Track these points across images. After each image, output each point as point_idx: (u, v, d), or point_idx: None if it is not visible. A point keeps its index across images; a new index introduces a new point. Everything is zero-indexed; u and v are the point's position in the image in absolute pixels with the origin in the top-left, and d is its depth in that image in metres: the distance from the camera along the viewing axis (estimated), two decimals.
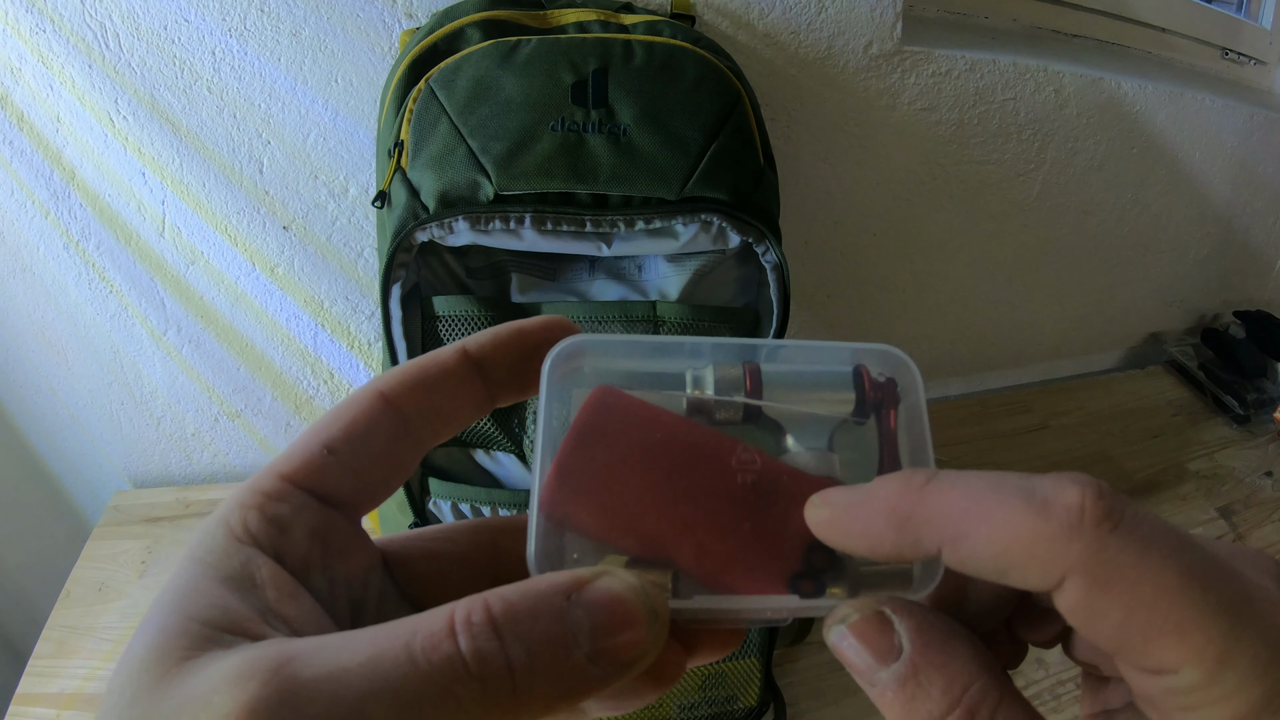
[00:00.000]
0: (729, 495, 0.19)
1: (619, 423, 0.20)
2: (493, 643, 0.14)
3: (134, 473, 0.87)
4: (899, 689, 0.17)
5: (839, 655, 0.18)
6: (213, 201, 0.72)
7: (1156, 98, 0.98)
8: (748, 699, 0.62)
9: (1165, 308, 1.24)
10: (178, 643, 0.15)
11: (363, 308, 0.79)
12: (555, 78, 0.52)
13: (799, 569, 0.19)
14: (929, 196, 0.92)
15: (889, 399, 0.20)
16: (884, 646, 0.17)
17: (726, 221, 0.53)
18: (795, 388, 0.21)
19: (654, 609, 0.16)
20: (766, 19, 0.73)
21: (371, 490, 0.19)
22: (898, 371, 0.21)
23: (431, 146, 0.52)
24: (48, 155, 0.68)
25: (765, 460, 0.20)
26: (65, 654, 0.67)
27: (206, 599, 0.15)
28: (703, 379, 0.20)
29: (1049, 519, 0.15)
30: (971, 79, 0.85)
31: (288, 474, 0.18)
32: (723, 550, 0.19)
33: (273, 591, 0.16)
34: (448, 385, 0.19)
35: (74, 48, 0.63)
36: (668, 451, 0.19)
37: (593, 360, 0.21)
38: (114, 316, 0.77)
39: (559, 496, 0.19)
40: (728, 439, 0.20)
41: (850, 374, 0.21)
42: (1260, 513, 0.94)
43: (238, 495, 0.18)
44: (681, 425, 0.20)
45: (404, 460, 0.19)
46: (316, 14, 0.65)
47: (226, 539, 0.17)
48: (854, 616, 0.18)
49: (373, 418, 0.19)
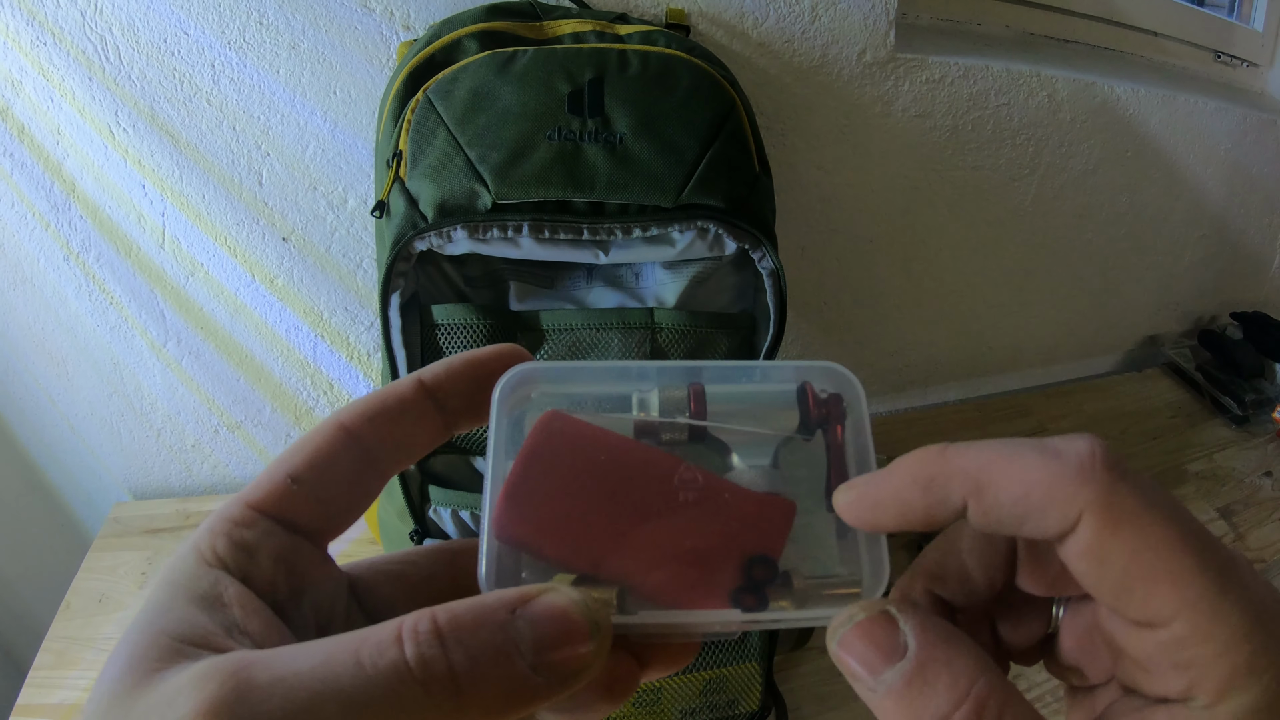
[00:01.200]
0: (671, 514, 0.20)
1: (566, 446, 0.20)
2: (436, 649, 0.15)
3: (134, 484, 0.88)
4: (905, 687, 0.17)
5: (842, 662, 0.18)
6: (212, 213, 0.72)
7: (1149, 101, 0.99)
8: (749, 704, 0.62)
9: (1162, 310, 1.24)
10: (148, 654, 0.16)
11: (362, 318, 0.80)
12: (551, 87, 0.53)
13: (740, 583, 0.19)
14: (924, 202, 0.92)
15: (835, 414, 0.21)
16: (890, 645, 0.17)
17: (722, 228, 0.53)
18: (740, 407, 0.21)
19: (597, 622, 0.17)
20: (760, 28, 0.74)
21: (335, 516, 0.20)
22: (841, 387, 0.21)
23: (430, 156, 0.53)
24: (48, 167, 0.69)
25: (708, 478, 0.20)
26: (65, 665, 0.67)
27: (176, 615, 0.16)
28: (648, 401, 0.21)
29: (1065, 463, 0.17)
30: (965, 85, 0.85)
31: (254, 502, 0.19)
32: (666, 567, 0.19)
33: (239, 610, 0.17)
34: (405, 416, 0.20)
35: (74, 61, 0.64)
36: (612, 473, 0.20)
37: (543, 386, 0.21)
38: (114, 328, 0.77)
39: (508, 519, 0.20)
40: (671, 459, 0.20)
41: (794, 392, 0.21)
42: (1260, 513, 0.94)
43: (208, 522, 0.19)
44: (627, 446, 0.21)
45: (366, 488, 0.20)
46: (315, 27, 0.65)
47: (197, 563, 0.18)
48: (860, 615, 0.18)
49: (334, 448, 0.19)
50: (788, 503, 0.20)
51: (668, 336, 0.56)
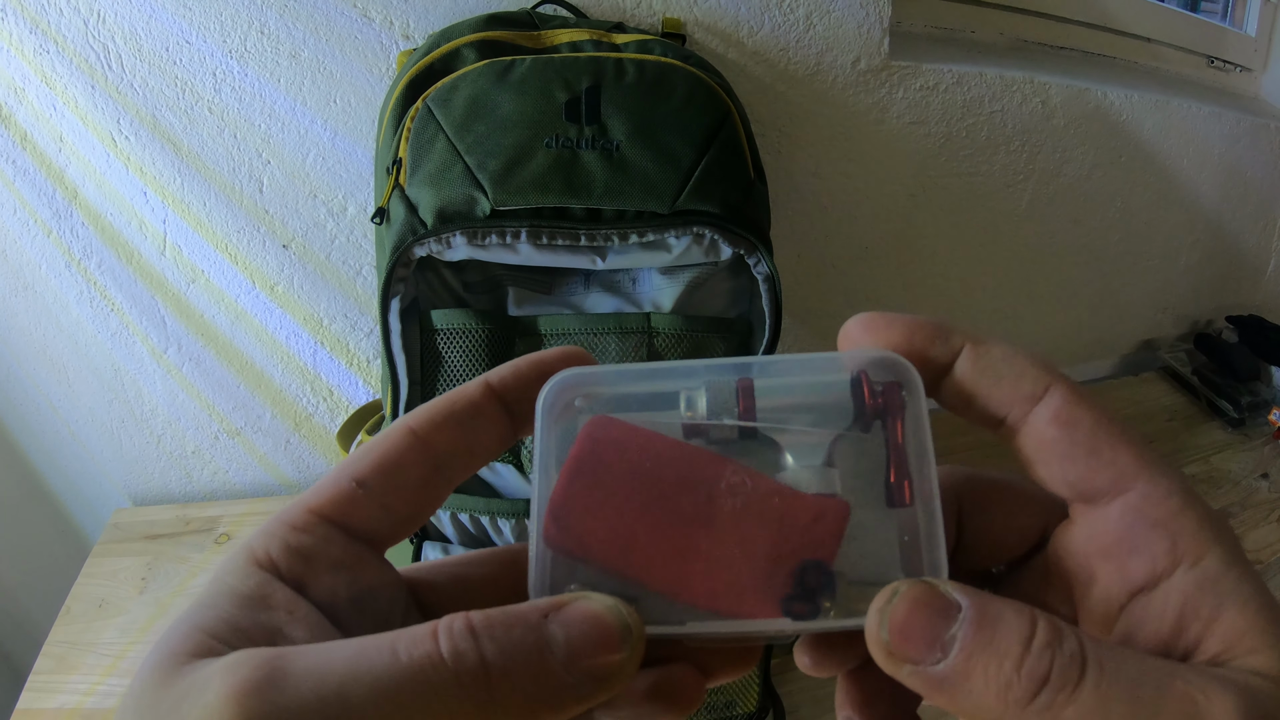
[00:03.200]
0: (721, 519, 0.19)
1: (613, 454, 0.20)
2: (469, 642, 0.16)
3: (134, 490, 0.88)
4: (976, 632, 0.16)
5: (899, 641, 0.17)
6: (213, 220, 0.73)
7: (1143, 106, 0.99)
8: (746, 705, 0.62)
9: (1158, 314, 1.25)
10: (183, 647, 0.16)
11: (361, 325, 0.80)
12: (549, 96, 0.53)
13: (790, 591, 0.19)
14: (919, 208, 0.93)
15: (893, 406, 0.20)
16: (947, 607, 0.17)
17: (718, 234, 0.54)
18: (791, 402, 0.20)
19: (629, 628, 0.17)
20: (756, 37, 0.74)
21: (399, 524, 0.20)
22: (899, 375, 0.20)
23: (429, 164, 0.53)
24: (50, 174, 0.69)
25: (757, 481, 0.20)
26: (65, 670, 0.67)
27: (218, 614, 0.16)
28: (695, 399, 0.20)
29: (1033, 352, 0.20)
30: (959, 92, 0.86)
31: (315, 507, 0.18)
32: (716, 575, 0.19)
33: (284, 614, 0.17)
34: (476, 420, 0.20)
35: (77, 69, 0.65)
36: (660, 479, 0.20)
37: (589, 390, 0.21)
38: (115, 335, 0.77)
39: (557, 528, 0.19)
40: (720, 462, 0.20)
41: (848, 383, 0.20)
42: (1257, 514, 0.94)
43: (264, 525, 0.18)
44: (675, 450, 0.20)
45: (433, 495, 0.20)
46: (315, 36, 0.66)
47: (246, 562, 0.18)
48: (904, 588, 0.17)
49: (403, 453, 0.19)
50: (841, 504, 0.20)
51: (664, 341, 0.56)
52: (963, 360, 0.20)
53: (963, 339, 0.20)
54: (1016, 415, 0.19)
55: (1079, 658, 0.16)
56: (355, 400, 0.85)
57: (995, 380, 0.19)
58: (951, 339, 0.20)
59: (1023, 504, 0.22)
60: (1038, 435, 0.19)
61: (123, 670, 0.67)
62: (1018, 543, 0.22)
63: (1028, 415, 0.19)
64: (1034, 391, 0.19)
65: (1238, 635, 0.16)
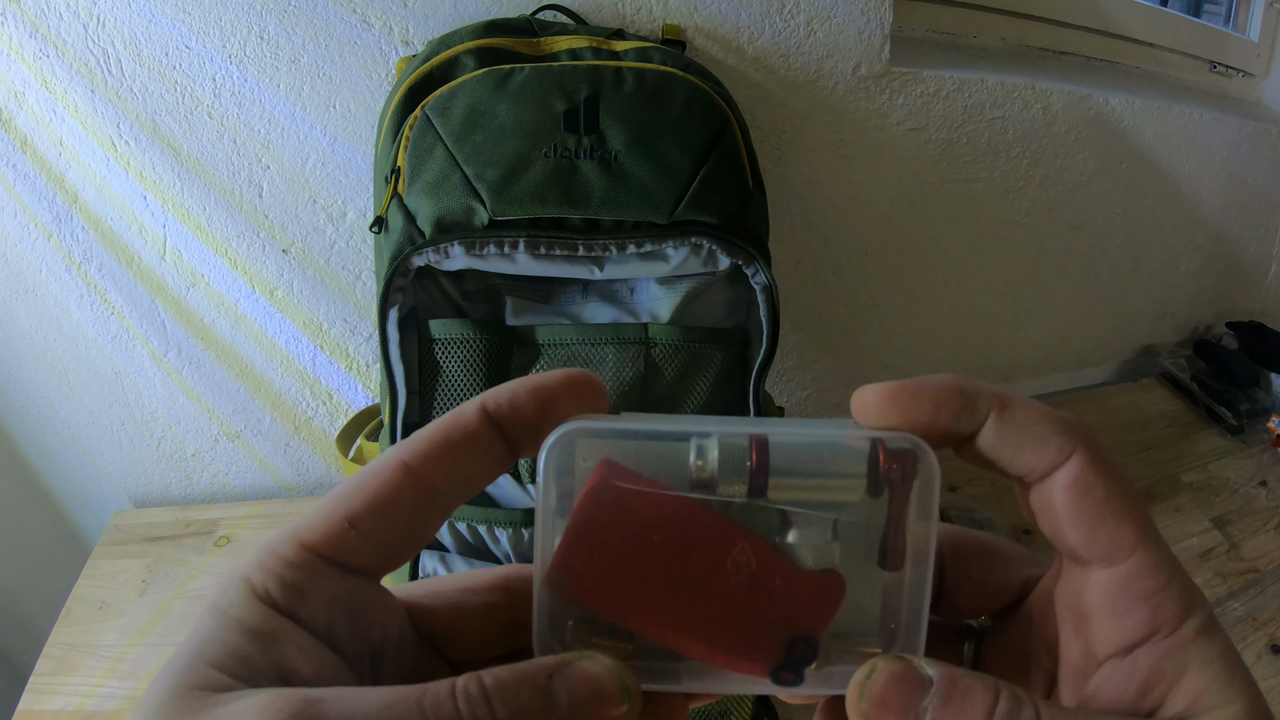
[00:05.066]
0: (721, 593, 0.20)
1: (618, 516, 0.20)
2: (484, 708, 0.17)
3: (134, 492, 0.88)
4: (945, 704, 0.18)
5: (877, 712, 0.19)
6: (213, 225, 0.73)
7: (1144, 112, 0.99)
8: (740, 713, 0.62)
9: (1157, 320, 1.25)
10: (196, 682, 0.16)
11: (361, 330, 0.80)
12: (547, 105, 0.53)
13: (779, 661, 0.20)
14: (919, 215, 0.93)
15: (907, 472, 0.20)
16: (920, 680, 0.18)
17: (716, 244, 0.54)
18: (804, 461, 0.20)
19: (628, 688, 0.18)
20: (756, 43, 0.74)
21: (393, 556, 0.20)
22: (915, 447, 0.20)
23: (427, 173, 0.53)
24: (51, 179, 0.69)
25: (760, 559, 0.20)
26: (66, 671, 0.68)
27: (227, 648, 0.17)
28: (707, 449, 0.20)
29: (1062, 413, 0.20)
30: (960, 98, 0.86)
31: (309, 544, 0.18)
32: (712, 641, 0.20)
33: (292, 648, 0.17)
34: (472, 449, 0.20)
35: (77, 73, 0.65)
36: (665, 546, 0.20)
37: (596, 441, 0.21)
38: (115, 338, 0.78)
39: (559, 582, 0.20)
40: (727, 531, 0.20)
41: (863, 449, 0.20)
42: (1255, 522, 0.94)
43: (258, 556, 0.18)
44: (681, 513, 0.20)
45: (427, 527, 0.20)
46: (315, 41, 0.66)
47: (248, 595, 0.18)
48: (882, 665, 0.19)
49: (397, 489, 0.19)
50: (839, 582, 0.20)
51: (662, 351, 0.57)
52: (988, 428, 0.20)
53: (989, 404, 0.20)
54: (1034, 477, 0.20)
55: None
56: (354, 404, 0.85)
57: (1019, 449, 0.20)
58: (977, 407, 0.20)
59: (1002, 562, 0.23)
60: (1049, 496, 0.20)
61: (123, 672, 0.68)
62: (996, 598, 0.23)
63: (1044, 479, 0.20)
64: (1056, 460, 0.19)
65: (1198, 693, 0.18)
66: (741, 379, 0.59)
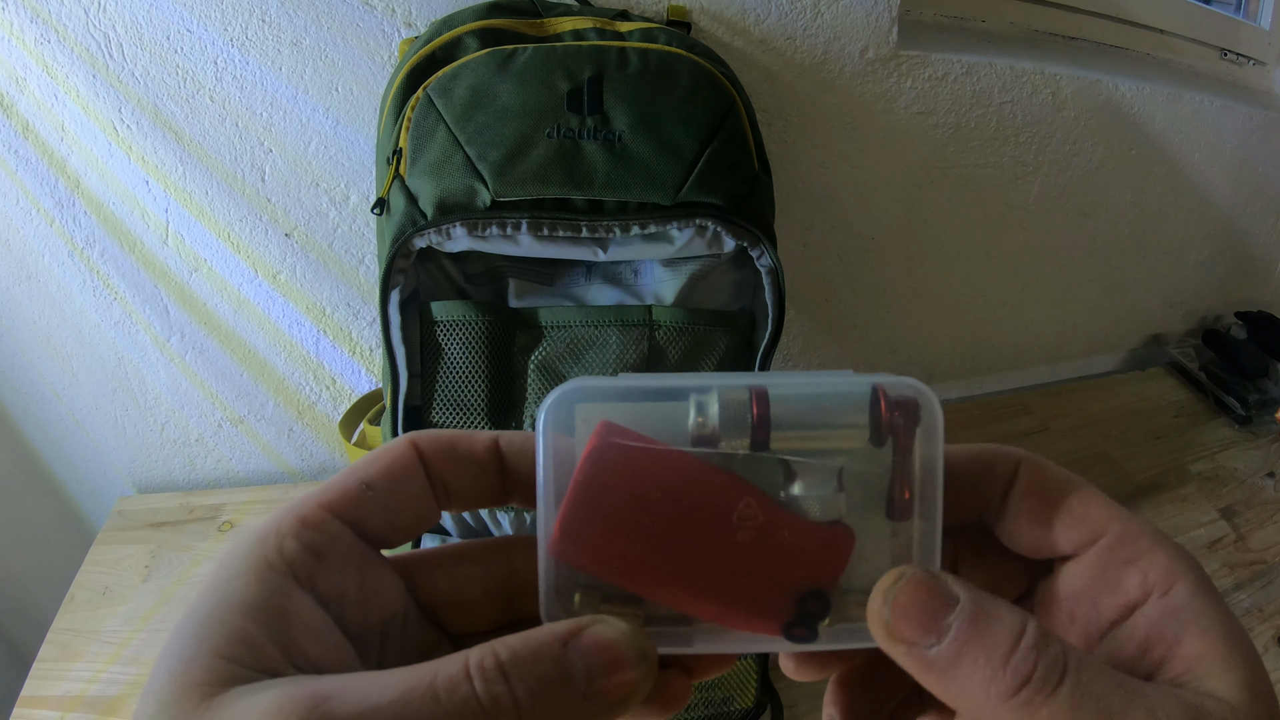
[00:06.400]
0: (728, 550, 0.20)
1: (621, 471, 0.20)
2: (501, 685, 0.16)
3: (138, 478, 0.88)
4: (971, 625, 0.17)
5: (900, 622, 0.18)
6: (215, 209, 0.72)
7: (1155, 99, 0.98)
8: (744, 700, 0.62)
9: (1166, 309, 1.24)
10: (202, 677, 0.15)
11: (364, 314, 0.80)
12: (551, 85, 0.53)
13: (791, 617, 0.20)
14: (926, 199, 0.92)
15: (909, 420, 0.20)
16: (947, 595, 0.18)
17: (721, 226, 0.53)
18: (806, 412, 0.20)
19: (643, 652, 0.18)
20: (762, 25, 0.74)
21: (400, 529, 0.20)
22: (917, 394, 0.20)
23: (429, 154, 0.53)
24: (53, 164, 0.69)
25: (766, 513, 0.20)
26: (69, 657, 0.68)
27: (230, 631, 0.16)
28: (707, 404, 0.20)
29: None
30: (968, 82, 0.85)
31: (326, 504, 0.19)
32: (721, 599, 0.20)
33: (300, 627, 0.17)
34: (470, 466, 0.21)
35: (78, 58, 0.64)
36: (669, 505, 0.20)
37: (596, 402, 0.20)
38: (118, 323, 0.77)
39: (564, 547, 0.20)
40: (730, 489, 0.20)
41: (864, 396, 0.20)
42: (1262, 513, 0.94)
43: (276, 521, 0.18)
44: (683, 474, 0.20)
45: (427, 512, 0.21)
46: (317, 24, 0.66)
47: (259, 564, 0.17)
48: (910, 572, 0.18)
49: (407, 464, 0.20)
50: (847, 533, 0.20)
51: (666, 334, 0.56)
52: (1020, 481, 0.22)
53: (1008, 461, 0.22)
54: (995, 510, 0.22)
55: (1061, 663, 0.17)
56: (358, 389, 0.85)
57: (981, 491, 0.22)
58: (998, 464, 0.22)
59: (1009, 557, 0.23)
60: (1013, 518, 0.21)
61: (126, 658, 0.68)
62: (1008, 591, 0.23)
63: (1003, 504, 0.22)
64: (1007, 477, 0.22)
65: (1196, 658, 0.18)
66: (746, 362, 0.59)
